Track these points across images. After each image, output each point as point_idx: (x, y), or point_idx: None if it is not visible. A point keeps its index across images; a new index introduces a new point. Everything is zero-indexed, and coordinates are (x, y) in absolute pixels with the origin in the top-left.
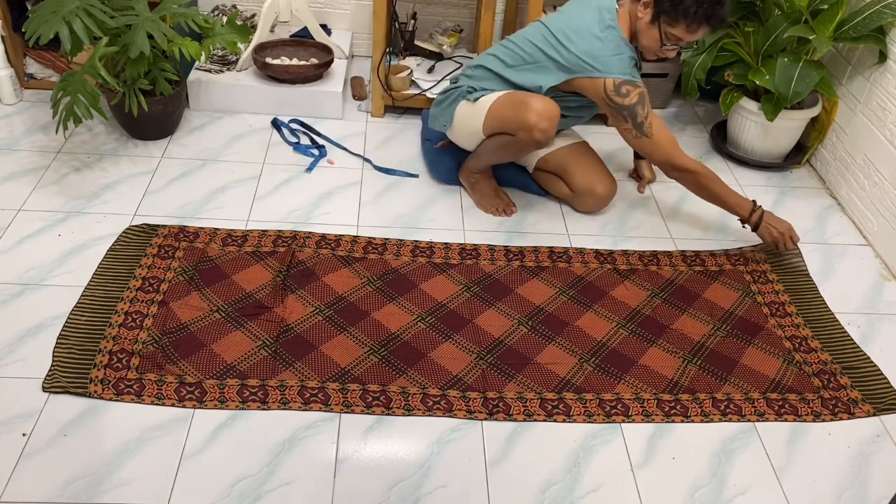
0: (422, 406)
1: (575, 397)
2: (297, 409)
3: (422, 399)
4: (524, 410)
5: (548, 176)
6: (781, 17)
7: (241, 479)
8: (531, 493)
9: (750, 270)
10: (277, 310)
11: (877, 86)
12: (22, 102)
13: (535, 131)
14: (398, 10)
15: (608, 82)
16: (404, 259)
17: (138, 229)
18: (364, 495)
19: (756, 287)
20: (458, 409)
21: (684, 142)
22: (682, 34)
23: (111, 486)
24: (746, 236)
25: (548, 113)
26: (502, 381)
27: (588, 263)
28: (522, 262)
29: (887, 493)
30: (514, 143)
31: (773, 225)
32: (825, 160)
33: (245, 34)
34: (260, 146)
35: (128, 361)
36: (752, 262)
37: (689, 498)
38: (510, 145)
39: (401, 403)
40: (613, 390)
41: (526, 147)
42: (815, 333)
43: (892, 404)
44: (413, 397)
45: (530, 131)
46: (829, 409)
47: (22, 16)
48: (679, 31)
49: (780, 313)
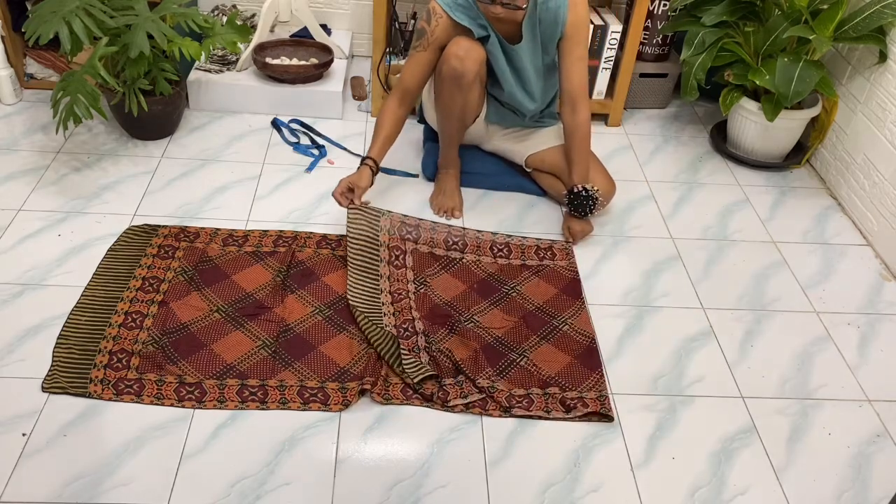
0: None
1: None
2: (297, 409)
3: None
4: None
5: (545, 175)
6: (781, 17)
7: (241, 479)
8: (531, 493)
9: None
10: (277, 310)
11: (877, 86)
12: (22, 102)
13: (452, 58)
14: (398, 10)
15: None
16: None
17: (138, 229)
18: (364, 495)
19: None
20: (448, 398)
21: (684, 142)
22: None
23: (111, 486)
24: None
25: (465, 43)
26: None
27: None
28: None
29: (887, 493)
30: (441, 88)
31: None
32: (825, 160)
33: (245, 34)
34: (260, 146)
35: (128, 361)
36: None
37: (689, 498)
38: (440, 95)
39: (400, 399)
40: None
41: (451, 88)
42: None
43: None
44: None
45: (447, 60)
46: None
47: (22, 16)
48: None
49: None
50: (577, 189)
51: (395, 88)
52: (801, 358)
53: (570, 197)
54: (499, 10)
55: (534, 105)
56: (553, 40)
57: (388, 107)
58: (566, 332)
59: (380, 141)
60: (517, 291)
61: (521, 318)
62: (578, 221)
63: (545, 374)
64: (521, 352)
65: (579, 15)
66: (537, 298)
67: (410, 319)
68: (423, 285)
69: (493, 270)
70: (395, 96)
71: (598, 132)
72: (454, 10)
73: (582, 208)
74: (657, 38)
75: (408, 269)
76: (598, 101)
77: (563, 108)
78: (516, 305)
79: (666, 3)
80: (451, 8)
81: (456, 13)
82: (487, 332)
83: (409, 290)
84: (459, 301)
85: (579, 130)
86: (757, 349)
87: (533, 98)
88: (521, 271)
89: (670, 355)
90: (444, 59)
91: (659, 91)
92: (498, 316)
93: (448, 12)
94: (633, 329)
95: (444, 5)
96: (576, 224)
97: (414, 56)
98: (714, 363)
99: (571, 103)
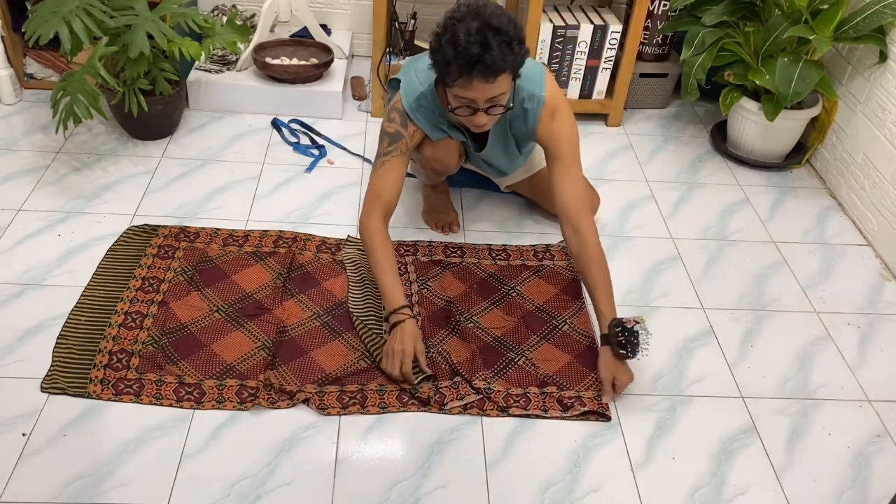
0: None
1: None
2: (285, 407)
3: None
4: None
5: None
6: (781, 17)
7: (241, 479)
8: (531, 493)
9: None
10: (277, 311)
11: (877, 86)
12: (22, 102)
13: (432, 162)
14: (398, 10)
15: (396, 99)
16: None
17: (138, 229)
18: (364, 495)
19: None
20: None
21: (684, 142)
22: (461, 92)
23: (111, 486)
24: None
25: (443, 150)
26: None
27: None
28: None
29: (887, 493)
30: (422, 169)
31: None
32: (825, 160)
33: (245, 34)
34: (260, 146)
35: (127, 361)
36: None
37: (689, 498)
38: (420, 171)
39: (396, 407)
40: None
41: (432, 174)
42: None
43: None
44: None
45: (429, 163)
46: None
47: (22, 16)
48: (457, 90)
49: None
50: (627, 324)
51: (374, 204)
52: (801, 358)
53: (617, 332)
54: (483, 118)
55: (509, 172)
56: (528, 140)
57: (376, 231)
58: (566, 332)
59: (390, 278)
60: (517, 291)
61: (521, 318)
62: (623, 367)
63: (544, 373)
64: (520, 351)
65: (554, 130)
66: (537, 298)
67: None
68: (425, 287)
69: (493, 271)
70: (377, 215)
71: (598, 132)
72: (414, 112)
73: (633, 347)
74: (657, 38)
75: (410, 273)
76: (599, 101)
77: (563, 228)
78: (516, 305)
79: (666, 3)
80: (413, 108)
81: (415, 113)
82: (487, 333)
83: (411, 290)
84: (460, 300)
85: (588, 251)
86: (757, 349)
87: (508, 171)
88: (520, 271)
89: (670, 355)
90: (425, 161)
91: (659, 91)
92: (498, 316)
93: (409, 114)
94: None
95: (407, 108)
96: (624, 373)
97: (387, 163)
98: (714, 363)
99: (571, 223)
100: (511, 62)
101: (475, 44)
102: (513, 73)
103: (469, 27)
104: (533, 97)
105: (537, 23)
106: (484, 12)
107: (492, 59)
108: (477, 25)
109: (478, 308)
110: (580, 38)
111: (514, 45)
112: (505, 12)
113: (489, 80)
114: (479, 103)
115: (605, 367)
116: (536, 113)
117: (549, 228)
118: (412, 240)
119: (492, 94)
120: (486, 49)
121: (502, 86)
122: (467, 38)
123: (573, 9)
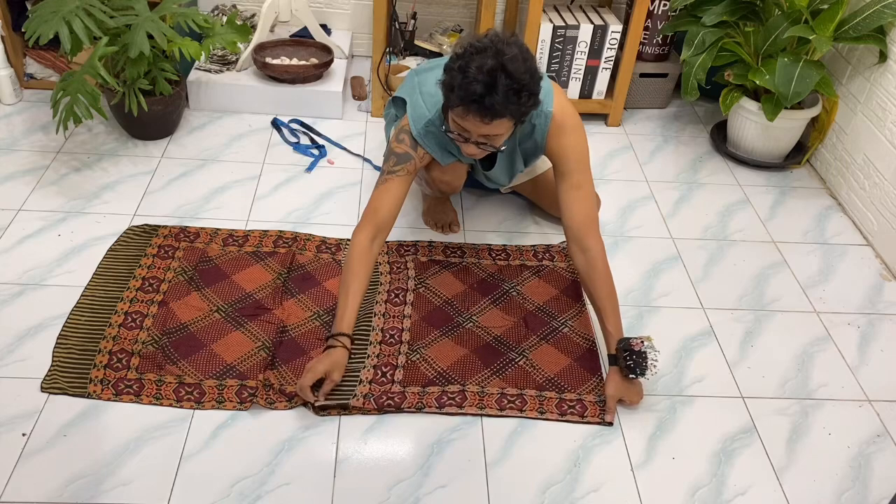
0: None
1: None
2: (283, 408)
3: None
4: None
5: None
6: (781, 17)
7: (241, 479)
8: (531, 493)
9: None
10: (277, 311)
11: (877, 86)
12: (22, 102)
13: (439, 183)
14: (398, 10)
15: (404, 121)
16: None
17: (138, 229)
18: (364, 495)
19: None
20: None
21: (684, 142)
22: (458, 119)
23: (111, 486)
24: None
25: (450, 173)
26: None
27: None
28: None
29: (887, 493)
30: (428, 186)
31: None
32: (825, 160)
33: (245, 34)
34: (260, 146)
35: (128, 361)
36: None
37: (689, 498)
38: (426, 187)
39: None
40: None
41: (438, 192)
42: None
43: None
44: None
45: (436, 183)
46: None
47: (22, 16)
48: (455, 116)
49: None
50: (634, 346)
51: (367, 220)
52: (801, 358)
53: (625, 356)
54: (473, 149)
55: (510, 184)
56: (536, 155)
57: (360, 247)
58: (566, 334)
59: (350, 302)
60: (517, 291)
61: (521, 318)
62: (633, 387)
63: (544, 374)
64: (520, 351)
65: (563, 146)
66: (537, 298)
67: (399, 328)
68: (423, 285)
69: (493, 271)
70: (366, 231)
71: (598, 132)
72: (423, 138)
73: (642, 368)
74: (657, 38)
75: (409, 271)
76: (598, 101)
77: (570, 247)
78: (516, 305)
79: (666, 3)
80: (421, 135)
81: (424, 140)
82: (486, 332)
83: (408, 287)
84: (459, 300)
85: (594, 272)
86: (757, 349)
87: (509, 184)
88: (520, 271)
89: (670, 355)
90: (433, 181)
91: (659, 91)
92: (497, 315)
93: (418, 140)
94: (632, 329)
95: (416, 135)
96: (635, 393)
97: (390, 182)
98: (714, 363)
99: (578, 241)
100: (513, 111)
101: (482, 83)
102: (514, 120)
103: (483, 63)
104: (541, 113)
105: (537, 23)
106: (504, 53)
107: (492, 102)
108: (491, 65)
109: (477, 307)
110: (580, 38)
111: (523, 94)
112: (527, 59)
113: (485, 121)
114: (472, 136)
115: (613, 387)
116: (544, 129)
117: (549, 229)
118: (412, 240)
119: (486, 133)
120: (491, 91)
121: (499, 128)
122: (477, 74)
123: (573, 9)
